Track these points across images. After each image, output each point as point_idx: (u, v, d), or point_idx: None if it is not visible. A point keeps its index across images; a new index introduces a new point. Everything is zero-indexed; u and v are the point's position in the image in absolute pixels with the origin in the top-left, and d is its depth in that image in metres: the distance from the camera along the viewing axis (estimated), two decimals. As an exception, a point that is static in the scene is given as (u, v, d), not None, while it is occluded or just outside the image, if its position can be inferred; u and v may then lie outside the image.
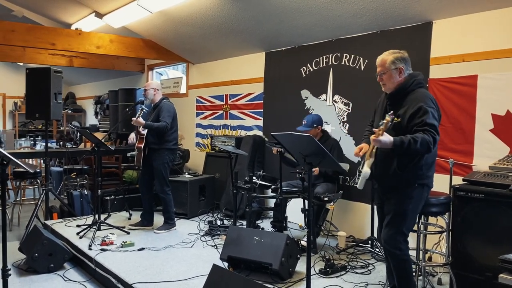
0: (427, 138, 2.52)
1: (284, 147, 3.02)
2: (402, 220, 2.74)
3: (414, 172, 2.69)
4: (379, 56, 2.85)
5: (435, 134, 2.54)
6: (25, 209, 6.16)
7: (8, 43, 5.70)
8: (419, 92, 2.72)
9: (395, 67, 2.75)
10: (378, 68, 2.83)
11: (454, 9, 3.75)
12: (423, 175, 2.71)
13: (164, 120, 4.67)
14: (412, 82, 2.74)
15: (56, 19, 7.32)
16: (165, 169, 4.80)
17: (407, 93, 2.73)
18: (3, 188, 2.82)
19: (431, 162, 2.75)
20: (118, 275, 3.54)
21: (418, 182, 2.71)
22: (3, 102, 11.48)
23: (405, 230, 2.75)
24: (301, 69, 5.28)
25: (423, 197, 2.78)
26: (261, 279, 3.36)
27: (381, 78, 2.81)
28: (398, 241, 2.74)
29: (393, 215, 2.76)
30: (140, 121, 4.59)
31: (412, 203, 2.73)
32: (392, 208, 2.77)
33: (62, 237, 4.62)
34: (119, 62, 8.14)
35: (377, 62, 2.85)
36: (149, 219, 5.02)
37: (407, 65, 2.79)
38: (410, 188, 2.72)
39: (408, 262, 2.78)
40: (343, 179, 4.83)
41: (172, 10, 5.38)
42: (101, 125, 9.30)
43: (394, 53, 2.80)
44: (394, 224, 2.75)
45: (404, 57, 2.79)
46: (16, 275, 3.90)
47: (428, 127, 2.55)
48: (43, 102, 5.11)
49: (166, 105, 4.81)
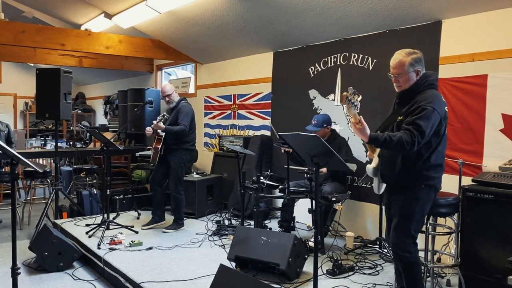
0: (405, 137, 2.45)
1: (291, 147, 3.01)
2: (409, 222, 2.69)
3: (420, 173, 2.64)
4: (394, 57, 2.71)
5: (416, 136, 2.45)
6: (36, 208, 6.22)
7: (19, 43, 5.76)
8: (428, 93, 2.63)
9: (413, 70, 2.66)
10: (393, 69, 2.70)
11: (463, 8, 3.72)
12: (429, 176, 2.65)
13: (183, 123, 4.70)
14: (424, 82, 2.66)
15: (66, 20, 7.39)
16: (181, 169, 4.84)
17: (417, 93, 2.66)
18: (13, 187, 2.85)
19: (438, 164, 2.68)
20: (127, 274, 3.56)
21: (424, 183, 2.66)
22: (14, 102, 11.61)
23: (413, 232, 2.70)
24: (309, 69, 5.27)
25: (430, 199, 2.72)
26: (268, 279, 3.37)
27: (397, 80, 2.70)
28: (406, 243, 2.70)
29: (400, 217, 2.72)
30: (160, 125, 4.62)
31: (419, 204, 2.68)
32: (399, 210, 2.73)
33: (71, 236, 4.66)
34: (128, 62, 8.19)
35: (392, 63, 2.71)
36: (160, 215, 5.06)
37: (423, 66, 2.70)
38: (417, 189, 2.67)
39: (417, 265, 2.74)
40: (351, 179, 4.80)
41: (180, 10, 5.39)
42: (111, 125, 9.36)
43: (411, 54, 2.67)
44: (401, 227, 2.71)
45: (421, 57, 2.70)
46: (26, 274, 3.94)
47: (413, 126, 2.48)
48: (53, 102, 5.17)
49: (185, 107, 4.84)
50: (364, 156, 4.66)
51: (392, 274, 3.52)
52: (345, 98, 2.54)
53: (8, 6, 7.15)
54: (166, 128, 4.66)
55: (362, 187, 4.68)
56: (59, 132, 5.59)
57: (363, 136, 2.56)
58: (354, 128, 2.57)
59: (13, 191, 2.81)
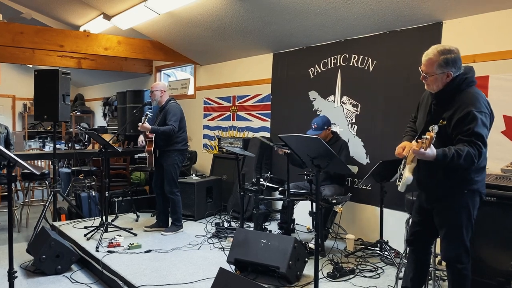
0: (472, 151, 2.28)
1: (292, 149, 2.98)
2: (459, 231, 2.50)
3: (462, 177, 2.45)
4: (427, 52, 2.49)
5: (481, 146, 2.30)
6: (34, 210, 6.18)
7: (17, 45, 5.73)
8: (469, 92, 2.42)
9: (442, 72, 2.43)
10: (423, 66, 2.50)
11: (464, 9, 3.70)
12: (472, 180, 2.46)
13: (170, 123, 4.66)
14: (463, 81, 2.43)
15: (64, 21, 7.36)
16: (174, 170, 4.80)
17: (457, 92, 2.44)
18: (10, 189, 2.81)
19: (482, 166, 2.49)
20: (125, 277, 3.53)
21: (467, 188, 2.47)
22: (12, 103, 11.57)
23: (466, 240, 2.51)
24: (309, 70, 5.24)
25: (476, 203, 2.52)
26: (268, 282, 3.34)
27: (425, 78, 2.50)
28: (458, 253, 2.51)
29: (449, 228, 2.54)
30: (146, 126, 4.58)
31: (466, 212, 2.49)
32: (446, 221, 2.55)
33: (69, 239, 4.63)
34: (127, 64, 8.16)
35: (423, 59, 2.50)
36: (164, 220, 5.02)
37: (458, 67, 2.44)
38: (460, 196, 2.48)
39: (468, 278, 2.55)
40: (351, 181, 4.78)
41: (180, 12, 5.37)
42: (109, 127, 9.33)
43: (444, 53, 2.42)
44: (452, 237, 2.53)
45: (455, 58, 2.42)
46: (24, 277, 3.91)
47: (475, 137, 2.30)
48: (51, 104, 5.14)
49: (172, 107, 4.80)
50: (365, 158, 4.64)
51: (393, 277, 3.50)
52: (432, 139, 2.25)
53: (7, 7, 7.12)
54: (152, 128, 4.63)
55: (362, 189, 4.65)
56: (57, 134, 5.56)
57: (428, 158, 2.30)
58: (417, 152, 2.27)
59: (10, 193, 2.77)
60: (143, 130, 4.64)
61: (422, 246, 2.81)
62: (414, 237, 2.82)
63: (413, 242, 2.84)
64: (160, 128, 4.66)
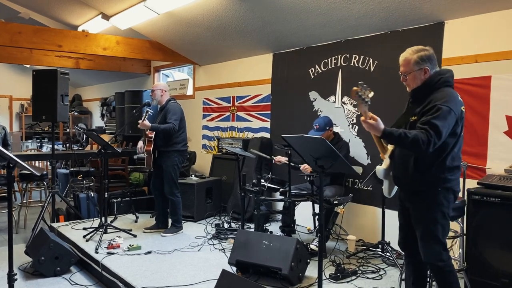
0: (421, 136, 2.33)
1: (295, 149, 2.95)
2: (434, 228, 2.52)
3: (436, 176, 2.51)
4: (402, 54, 2.62)
5: (432, 136, 2.33)
6: (32, 212, 6.13)
7: (15, 45, 5.69)
8: (443, 91, 2.49)
9: (419, 68, 2.54)
10: (401, 67, 2.63)
11: (466, 9, 3.68)
12: (446, 179, 2.51)
13: (171, 121, 4.63)
14: (438, 80, 2.52)
15: (62, 21, 7.31)
16: (174, 171, 4.76)
17: (431, 91, 2.52)
18: (10, 191, 2.78)
19: (454, 166, 2.53)
20: (125, 279, 3.50)
21: (441, 186, 2.51)
22: (9, 104, 11.51)
23: (441, 237, 2.52)
24: (309, 70, 5.22)
25: (450, 201, 2.55)
26: (270, 284, 3.32)
27: (404, 78, 2.61)
28: (437, 251, 2.52)
29: (424, 225, 2.56)
30: (146, 123, 4.55)
31: (440, 209, 2.52)
32: (421, 218, 2.58)
33: (68, 240, 4.58)
34: (125, 64, 8.13)
35: (400, 60, 2.63)
36: (164, 221, 4.98)
37: (433, 64, 2.56)
38: (434, 193, 2.53)
39: (453, 274, 2.55)
40: (352, 181, 4.76)
41: (179, 11, 5.34)
42: (107, 127, 9.29)
43: (418, 51, 2.56)
44: (428, 235, 2.54)
45: (429, 55, 2.56)
46: (22, 279, 3.86)
47: (429, 126, 2.36)
48: (49, 104, 5.08)
49: (172, 106, 4.77)
50: (365, 158, 4.62)
51: (396, 279, 3.48)
52: (355, 93, 2.43)
53: (4, 7, 7.07)
54: (152, 126, 4.59)
55: (364, 190, 4.63)
56: (55, 135, 5.51)
57: (375, 131, 2.43)
58: (366, 124, 2.45)
59: (10, 195, 2.74)
60: (143, 127, 4.60)
61: (412, 248, 2.75)
62: (403, 241, 2.82)
63: (403, 247, 2.84)
64: (160, 126, 4.63)
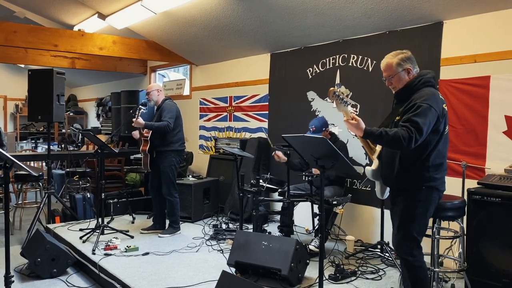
0: (402, 133, 2.39)
1: (295, 149, 2.94)
2: (411, 224, 2.61)
3: (420, 174, 2.57)
4: (382, 60, 2.73)
5: (413, 132, 2.38)
6: (27, 213, 6.07)
7: (10, 44, 5.63)
8: (424, 90, 2.57)
9: (402, 69, 2.64)
10: (384, 73, 2.71)
11: (465, 9, 3.68)
12: (429, 177, 2.57)
13: (165, 119, 4.60)
14: (419, 80, 2.61)
15: (58, 21, 7.25)
16: (172, 172, 4.73)
17: (413, 92, 2.60)
18: (6, 191, 2.74)
19: (438, 163, 2.59)
20: (123, 280, 3.46)
21: (425, 184, 2.58)
22: (4, 104, 11.42)
23: (416, 234, 2.61)
24: (307, 70, 5.21)
25: (433, 200, 2.63)
26: (270, 285, 3.29)
27: (390, 82, 2.69)
28: (409, 246, 2.62)
29: (402, 220, 2.65)
30: (139, 121, 4.53)
31: (421, 206, 2.60)
32: (400, 213, 2.66)
33: (64, 241, 4.54)
34: (121, 64, 8.08)
35: (381, 66, 2.72)
36: (161, 222, 4.95)
37: (414, 64, 2.67)
38: (417, 191, 2.59)
39: (422, 269, 2.65)
40: (350, 182, 4.75)
41: (176, 11, 5.31)
42: (103, 128, 9.23)
43: (398, 54, 2.67)
44: (403, 229, 2.64)
45: (409, 56, 2.67)
46: (18, 281, 3.81)
47: (410, 123, 2.42)
48: (45, 104, 5.03)
49: (168, 104, 4.75)
50: (363, 159, 4.61)
51: (396, 279, 3.47)
52: (333, 93, 2.45)
53: (-1, 6, 7.02)
54: (146, 124, 4.57)
55: (362, 190, 4.62)
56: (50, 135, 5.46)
57: (357, 131, 2.52)
58: (347, 124, 2.53)
59: (7, 196, 2.70)
60: (137, 126, 4.58)
61: None
62: None
63: None
64: (154, 124, 4.60)
